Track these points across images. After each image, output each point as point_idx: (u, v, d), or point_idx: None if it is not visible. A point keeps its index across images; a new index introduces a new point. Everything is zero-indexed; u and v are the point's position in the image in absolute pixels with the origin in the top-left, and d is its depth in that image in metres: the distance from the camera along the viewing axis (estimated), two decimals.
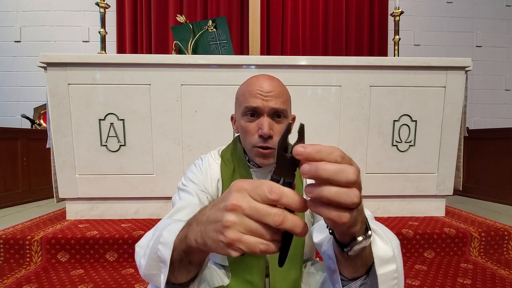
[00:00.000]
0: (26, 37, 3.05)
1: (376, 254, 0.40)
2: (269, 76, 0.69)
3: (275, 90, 0.65)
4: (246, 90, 0.67)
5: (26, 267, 1.36)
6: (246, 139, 0.68)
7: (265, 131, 0.63)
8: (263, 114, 0.65)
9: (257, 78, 0.68)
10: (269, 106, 0.64)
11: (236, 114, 0.72)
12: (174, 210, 0.62)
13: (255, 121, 0.66)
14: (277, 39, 3.03)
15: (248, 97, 0.65)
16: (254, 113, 0.66)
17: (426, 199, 1.78)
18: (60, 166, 1.63)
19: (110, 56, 1.67)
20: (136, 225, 1.57)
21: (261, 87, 0.65)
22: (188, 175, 0.72)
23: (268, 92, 0.64)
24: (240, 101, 0.68)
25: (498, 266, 1.39)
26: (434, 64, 1.64)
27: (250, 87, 0.66)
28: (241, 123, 0.68)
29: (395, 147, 1.72)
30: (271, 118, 0.65)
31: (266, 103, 0.64)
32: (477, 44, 3.21)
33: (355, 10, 3.07)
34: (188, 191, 0.67)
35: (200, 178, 0.71)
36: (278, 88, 0.66)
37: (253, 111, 0.65)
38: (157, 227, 0.51)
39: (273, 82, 0.67)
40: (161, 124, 1.65)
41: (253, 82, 0.67)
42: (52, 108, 1.60)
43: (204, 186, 0.70)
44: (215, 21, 1.78)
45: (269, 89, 0.65)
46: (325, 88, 1.67)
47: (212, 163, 0.74)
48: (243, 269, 0.66)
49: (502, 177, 2.35)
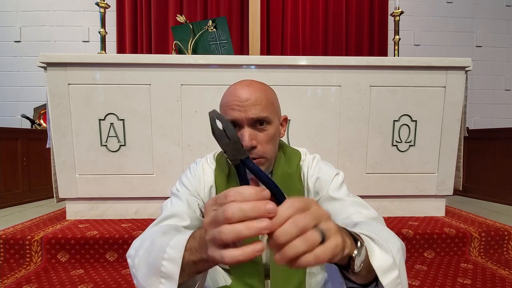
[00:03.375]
0: (26, 37, 3.05)
1: (376, 266, 0.40)
2: (246, 83, 0.64)
3: (251, 98, 0.61)
4: (224, 102, 0.63)
5: (26, 267, 1.36)
6: None
7: (246, 144, 0.60)
8: (243, 126, 0.62)
9: (234, 88, 0.64)
10: (247, 116, 0.60)
11: None
12: (162, 217, 0.63)
13: (238, 133, 0.62)
14: (277, 39, 3.03)
15: (226, 110, 0.62)
16: (235, 125, 0.62)
17: (426, 199, 1.78)
18: (60, 166, 1.63)
19: (110, 56, 1.67)
20: (136, 225, 1.57)
21: (237, 96, 0.61)
22: (182, 179, 0.72)
23: (245, 101, 0.60)
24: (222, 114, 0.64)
25: (498, 266, 1.39)
26: (434, 64, 1.64)
27: (228, 98, 0.63)
28: None
29: (395, 147, 1.72)
30: (253, 127, 0.62)
31: (244, 114, 0.60)
32: (477, 44, 3.21)
33: (355, 10, 3.07)
34: (179, 197, 0.67)
35: (193, 184, 0.70)
36: (256, 94, 0.62)
37: (233, 123, 0.62)
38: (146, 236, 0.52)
39: (249, 88, 0.62)
40: (161, 124, 1.65)
41: (230, 93, 0.63)
42: (52, 108, 1.60)
43: (196, 192, 0.69)
44: (215, 21, 1.78)
45: (246, 98, 0.61)
46: (325, 88, 1.67)
47: (206, 168, 0.73)
48: (243, 273, 0.66)
49: (502, 177, 2.35)
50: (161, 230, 0.52)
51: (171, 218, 0.62)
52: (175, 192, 0.70)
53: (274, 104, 0.66)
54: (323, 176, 0.70)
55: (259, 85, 0.65)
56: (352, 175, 1.72)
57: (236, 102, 0.61)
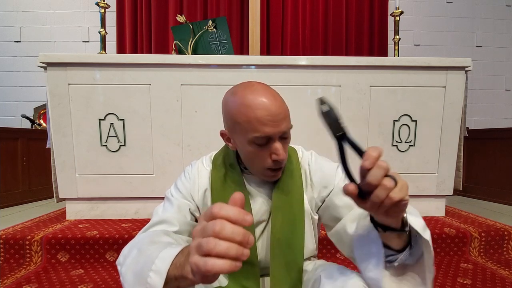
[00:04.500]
0: (26, 37, 3.05)
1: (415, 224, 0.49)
2: (270, 94, 0.60)
3: (282, 111, 0.59)
4: (252, 117, 0.57)
5: (26, 267, 1.36)
6: (255, 163, 0.64)
7: (283, 158, 0.60)
8: (274, 140, 0.60)
9: (260, 100, 0.58)
10: (280, 130, 0.59)
11: (235, 137, 0.64)
12: (151, 223, 0.65)
13: (265, 147, 0.61)
14: (277, 39, 3.03)
15: (257, 125, 0.58)
16: (266, 140, 0.60)
17: (426, 199, 1.78)
18: (60, 166, 1.63)
19: (110, 56, 1.67)
20: (136, 225, 1.57)
21: (270, 111, 0.57)
22: (177, 183, 0.73)
23: (277, 115, 0.58)
24: (244, 128, 0.59)
25: (498, 266, 1.39)
26: (434, 64, 1.64)
27: (257, 112, 0.57)
28: (247, 149, 0.62)
29: (395, 147, 1.72)
30: (280, 139, 0.61)
31: (277, 129, 0.58)
32: (477, 44, 3.21)
33: (355, 10, 3.07)
34: (171, 202, 0.68)
35: (188, 186, 0.71)
36: (283, 106, 0.60)
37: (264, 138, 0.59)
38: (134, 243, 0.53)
39: (277, 101, 0.59)
40: (161, 124, 1.65)
41: (257, 105, 0.57)
42: (52, 108, 1.60)
43: (190, 195, 0.70)
44: (215, 21, 1.78)
45: (277, 112, 0.58)
46: (325, 88, 1.67)
47: (202, 170, 0.73)
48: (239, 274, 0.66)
49: (502, 177, 2.35)
50: (149, 238, 0.53)
51: (160, 224, 0.64)
52: (168, 196, 0.71)
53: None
54: (326, 170, 0.73)
55: (277, 94, 0.62)
56: None
57: (269, 118, 0.57)
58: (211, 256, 0.33)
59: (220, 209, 0.35)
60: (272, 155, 0.61)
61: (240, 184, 0.69)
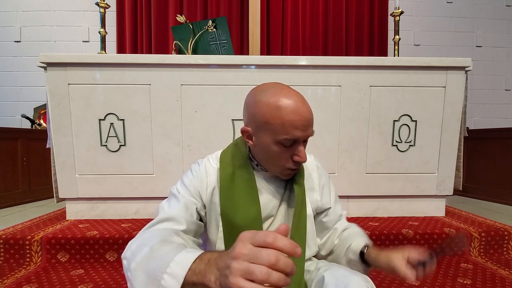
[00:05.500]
0: (26, 37, 3.05)
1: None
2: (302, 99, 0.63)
3: (312, 117, 0.63)
4: (286, 120, 0.60)
5: (26, 267, 1.36)
6: (276, 162, 0.66)
7: (304, 160, 0.64)
8: (299, 142, 0.63)
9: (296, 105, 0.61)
10: (308, 135, 0.64)
11: (261, 136, 0.65)
12: (158, 219, 0.64)
13: (290, 148, 0.63)
14: (277, 39, 3.03)
15: (288, 128, 0.60)
16: (292, 142, 0.63)
17: (426, 199, 1.78)
18: (60, 166, 1.63)
19: (110, 56, 1.67)
20: (136, 225, 1.57)
21: (302, 116, 0.61)
22: (184, 180, 0.72)
23: (308, 120, 0.62)
24: (275, 129, 0.61)
25: (498, 266, 1.39)
26: (434, 64, 1.64)
27: (291, 116, 0.60)
28: (272, 148, 0.64)
29: (395, 147, 1.72)
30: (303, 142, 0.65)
31: (306, 133, 0.63)
32: (477, 44, 3.21)
33: (355, 10, 3.07)
34: (178, 199, 0.68)
35: (196, 184, 0.70)
36: (311, 110, 0.64)
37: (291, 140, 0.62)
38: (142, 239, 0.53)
39: (307, 105, 0.63)
40: (161, 124, 1.65)
41: (293, 110, 0.60)
42: (52, 108, 1.60)
43: (198, 192, 0.70)
44: (215, 21, 1.78)
45: (309, 117, 0.62)
46: (325, 88, 1.67)
47: (209, 168, 0.73)
48: None
49: (502, 177, 2.35)
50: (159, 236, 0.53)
51: (167, 222, 0.63)
52: (174, 192, 0.70)
53: None
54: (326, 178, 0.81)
55: (304, 98, 0.64)
56: (352, 175, 1.72)
57: (301, 122, 0.61)
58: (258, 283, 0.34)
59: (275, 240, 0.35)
60: (294, 157, 0.64)
61: (250, 180, 0.70)
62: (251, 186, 0.69)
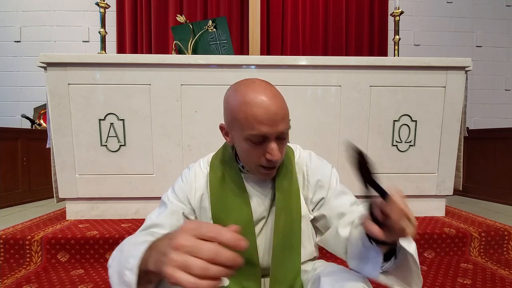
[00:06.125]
0: (26, 37, 3.05)
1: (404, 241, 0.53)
2: (269, 92, 0.59)
3: (281, 112, 0.58)
4: (250, 115, 0.57)
5: (26, 267, 1.36)
6: (248, 159, 0.64)
7: (276, 158, 0.60)
8: (271, 139, 0.59)
9: (260, 99, 0.57)
10: (277, 131, 0.58)
11: (233, 132, 0.64)
12: (143, 227, 0.67)
13: (261, 145, 0.60)
14: (277, 39, 3.03)
15: (254, 124, 0.57)
16: (262, 139, 0.60)
17: (426, 199, 1.78)
18: (60, 166, 1.63)
19: (110, 56, 1.67)
20: (136, 225, 1.57)
21: (267, 110, 0.57)
22: (174, 186, 0.73)
23: (275, 116, 0.57)
24: (241, 124, 0.59)
25: (498, 266, 1.39)
26: (434, 64, 1.64)
27: (255, 110, 0.57)
28: (243, 145, 0.62)
29: (395, 147, 1.72)
30: (277, 139, 0.61)
31: (274, 129, 0.58)
32: (477, 44, 3.21)
33: (355, 10, 3.07)
34: (166, 206, 0.69)
35: (184, 189, 0.71)
36: (283, 106, 0.59)
37: (261, 136, 0.59)
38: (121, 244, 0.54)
39: (276, 100, 0.58)
40: (161, 124, 1.65)
41: (257, 104, 0.57)
42: (52, 108, 1.60)
43: (187, 198, 0.70)
44: (215, 21, 1.78)
45: (276, 112, 0.57)
46: (325, 88, 1.67)
47: (199, 173, 0.73)
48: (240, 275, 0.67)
49: (502, 177, 2.35)
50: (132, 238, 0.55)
51: (151, 228, 0.65)
52: (164, 200, 0.72)
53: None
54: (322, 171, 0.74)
55: (279, 94, 0.61)
56: (352, 175, 1.71)
57: (266, 117, 0.57)
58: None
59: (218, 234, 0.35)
60: (266, 154, 0.60)
61: (239, 183, 0.69)
62: (241, 188, 0.69)
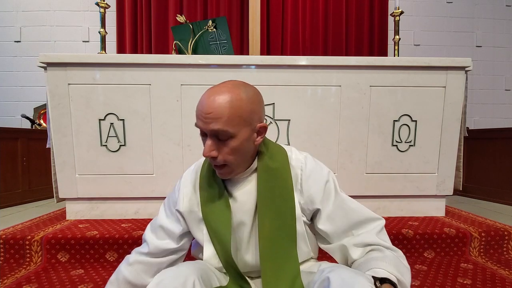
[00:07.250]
0: (26, 37, 3.05)
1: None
2: (215, 92, 0.62)
3: (213, 112, 0.60)
4: (196, 109, 0.65)
5: (26, 267, 1.36)
6: None
7: (204, 154, 0.64)
8: (207, 135, 0.64)
9: (203, 97, 0.64)
10: (209, 128, 0.61)
11: None
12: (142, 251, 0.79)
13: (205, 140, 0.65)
14: (277, 39, 3.03)
15: (196, 117, 0.64)
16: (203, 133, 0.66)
17: (426, 199, 1.78)
18: (60, 166, 1.63)
19: (110, 56, 1.67)
20: (136, 225, 1.57)
21: (203, 107, 0.62)
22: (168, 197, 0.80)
23: (207, 114, 0.61)
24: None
25: (498, 266, 1.39)
26: (434, 64, 1.64)
27: (198, 104, 0.64)
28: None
29: (395, 147, 1.72)
30: (216, 138, 0.63)
31: (206, 126, 0.62)
32: (477, 44, 3.21)
33: (355, 10, 3.07)
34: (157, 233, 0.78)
35: (175, 199, 0.77)
36: (220, 107, 0.60)
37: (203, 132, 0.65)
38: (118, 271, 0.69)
39: (215, 101, 0.60)
40: (161, 124, 1.65)
41: (201, 100, 0.64)
42: (52, 108, 1.60)
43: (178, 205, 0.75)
44: (215, 21, 1.78)
45: (208, 111, 0.60)
46: (325, 88, 1.67)
47: (187, 179, 0.78)
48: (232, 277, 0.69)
49: (502, 177, 2.35)
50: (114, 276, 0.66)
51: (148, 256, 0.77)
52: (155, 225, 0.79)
53: (243, 116, 0.62)
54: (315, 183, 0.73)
55: (227, 97, 0.61)
56: (352, 175, 1.71)
57: (200, 113, 0.62)
58: None
59: None
60: None
61: (220, 184, 0.73)
62: (221, 189, 0.72)
